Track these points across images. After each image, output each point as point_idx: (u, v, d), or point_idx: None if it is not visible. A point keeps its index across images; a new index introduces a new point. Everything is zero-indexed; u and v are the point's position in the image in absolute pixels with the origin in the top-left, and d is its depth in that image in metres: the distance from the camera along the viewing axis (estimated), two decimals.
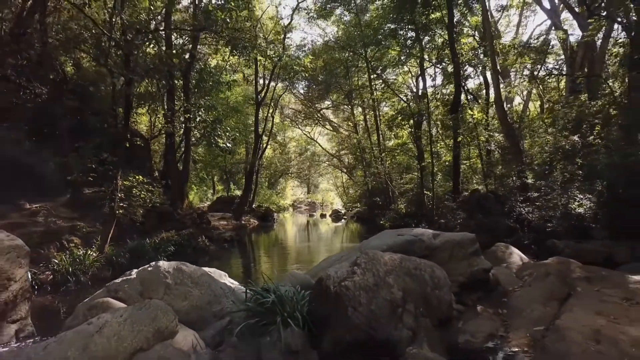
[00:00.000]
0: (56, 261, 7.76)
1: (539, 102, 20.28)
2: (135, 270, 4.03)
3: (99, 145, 9.76)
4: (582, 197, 9.49)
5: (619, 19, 11.44)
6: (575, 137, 10.32)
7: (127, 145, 8.92)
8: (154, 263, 3.98)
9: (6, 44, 10.72)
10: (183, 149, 16.30)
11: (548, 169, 11.22)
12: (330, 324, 2.97)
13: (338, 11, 23.07)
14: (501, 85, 20.18)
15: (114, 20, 9.74)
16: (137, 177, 9.14)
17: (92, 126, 10.45)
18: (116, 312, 2.84)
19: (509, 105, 21.54)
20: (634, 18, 10.65)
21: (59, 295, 7.08)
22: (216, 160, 24.73)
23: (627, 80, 9.97)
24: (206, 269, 4.36)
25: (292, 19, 21.52)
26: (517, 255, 6.11)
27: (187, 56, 12.95)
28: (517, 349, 3.41)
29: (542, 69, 15.20)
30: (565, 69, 15.25)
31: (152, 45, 9.38)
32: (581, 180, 9.80)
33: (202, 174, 25.92)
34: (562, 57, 15.09)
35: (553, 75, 13.46)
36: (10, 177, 9.92)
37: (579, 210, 9.28)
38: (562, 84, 16.19)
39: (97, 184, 10.41)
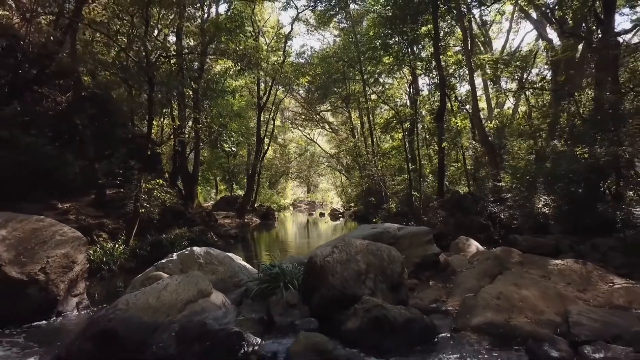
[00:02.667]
0: (91, 252, 9.11)
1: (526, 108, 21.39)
2: (175, 254, 5.43)
3: (125, 153, 11.13)
4: (547, 198, 10.89)
5: (588, 38, 12.77)
6: (555, 142, 11.63)
7: (149, 153, 10.27)
8: (189, 248, 5.38)
9: (35, 57, 11.99)
10: (189, 152, 17.66)
11: (521, 172, 12.56)
12: (316, 287, 4.37)
13: (336, 19, 24.47)
14: (491, 91, 21.52)
15: (132, 35, 11.05)
16: (158, 180, 10.49)
17: (117, 136, 11.77)
18: (173, 277, 4.25)
19: (498, 109, 22.73)
20: (599, 35, 11.99)
21: (95, 281, 8.47)
22: (219, 162, 25.84)
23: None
24: (226, 253, 5.77)
25: (292, 29, 22.92)
26: (474, 246, 7.53)
27: (196, 65, 14.27)
28: (450, 308, 4.83)
29: (527, 78, 16.40)
30: (550, 76, 16.39)
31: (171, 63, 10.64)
32: (547, 183, 11.16)
33: (207, 175, 27.15)
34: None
35: (528, 88, 14.74)
36: (38, 180, 11.21)
37: (544, 210, 10.70)
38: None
39: (119, 186, 11.79)
